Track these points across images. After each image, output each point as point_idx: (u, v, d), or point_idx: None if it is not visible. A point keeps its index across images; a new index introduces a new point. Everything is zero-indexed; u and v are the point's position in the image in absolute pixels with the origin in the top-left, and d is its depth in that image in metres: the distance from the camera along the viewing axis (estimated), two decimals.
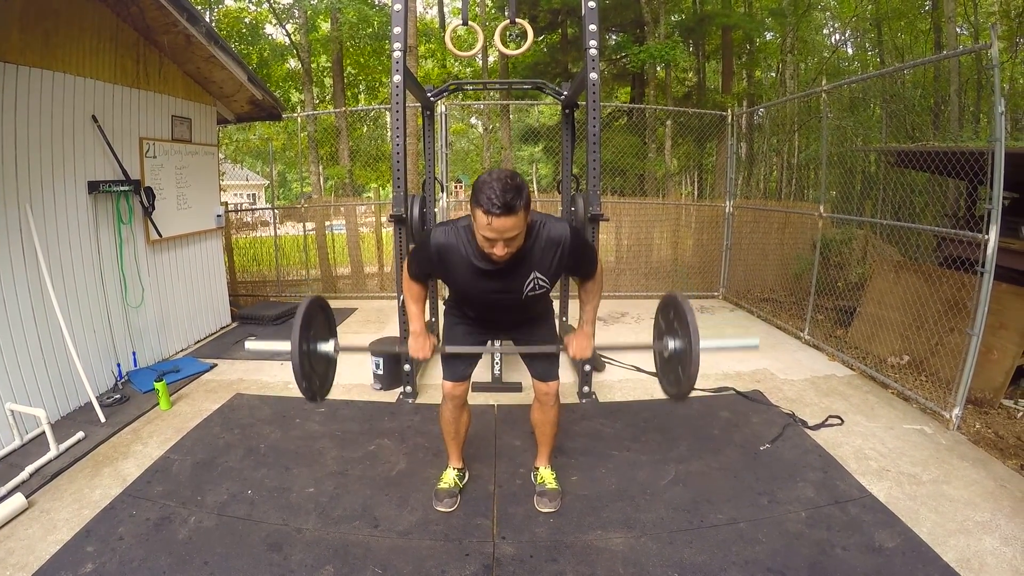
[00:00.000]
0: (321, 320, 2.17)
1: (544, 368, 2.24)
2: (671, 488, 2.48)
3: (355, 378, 3.80)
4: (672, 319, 2.07)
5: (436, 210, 4.59)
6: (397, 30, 2.99)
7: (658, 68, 8.24)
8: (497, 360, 3.69)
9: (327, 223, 7.29)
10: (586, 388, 3.49)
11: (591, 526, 2.22)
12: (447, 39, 3.12)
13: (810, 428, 3.02)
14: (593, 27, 3.00)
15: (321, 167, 8.15)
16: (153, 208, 3.87)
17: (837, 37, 10.87)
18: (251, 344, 2.28)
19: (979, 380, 3.02)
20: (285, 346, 1.99)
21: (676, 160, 9.56)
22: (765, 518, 2.25)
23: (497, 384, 3.64)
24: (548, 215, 1.94)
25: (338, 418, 3.24)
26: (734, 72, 9.52)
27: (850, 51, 10.48)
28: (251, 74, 4.34)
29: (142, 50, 3.77)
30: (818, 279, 4.55)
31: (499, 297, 1.94)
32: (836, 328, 4.56)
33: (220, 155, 9.36)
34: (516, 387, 3.62)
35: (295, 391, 3.69)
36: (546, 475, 2.42)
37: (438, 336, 3.89)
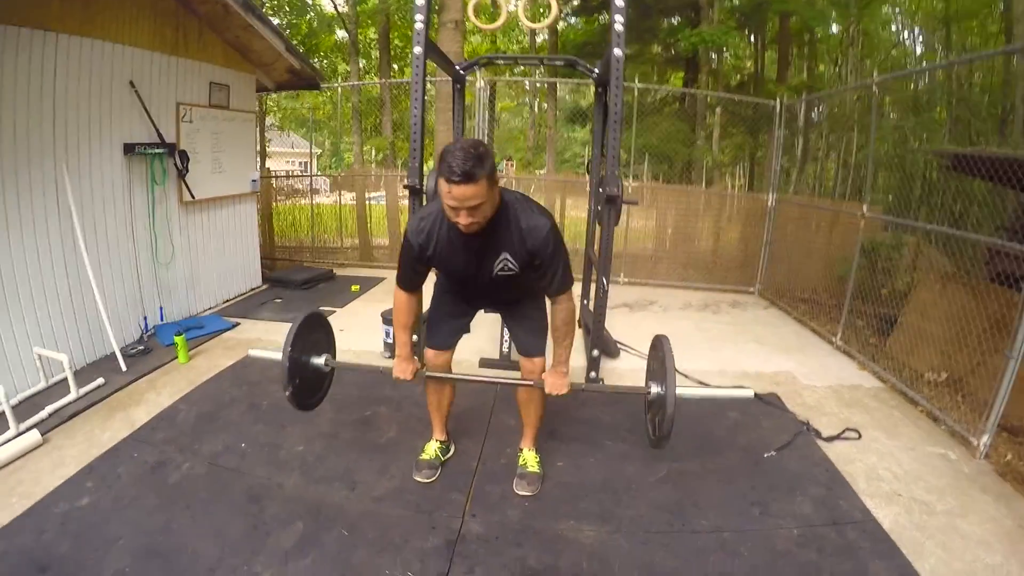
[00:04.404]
0: (319, 335, 2.31)
1: (530, 342, 2.20)
2: (659, 486, 2.39)
3: (367, 345, 3.86)
4: (655, 364, 2.06)
5: None
6: (420, 1, 2.93)
7: (712, 54, 7.83)
8: (506, 338, 3.66)
9: (367, 194, 7.41)
10: (593, 374, 3.39)
11: (566, 515, 2.17)
12: (470, 11, 3.06)
13: (823, 439, 2.83)
14: (620, 2, 2.85)
15: (363, 138, 8.26)
16: (187, 171, 4.01)
17: (905, 35, 10.01)
18: (254, 352, 2.39)
19: (1018, 407, 2.74)
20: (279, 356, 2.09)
21: (729, 151, 9.13)
22: (752, 530, 2.13)
23: (504, 361, 3.62)
24: (529, 201, 1.91)
25: (340, 382, 3.24)
26: (790, 62, 8.90)
27: (919, 50, 9.65)
28: (289, 44, 4.40)
29: (181, 19, 3.87)
30: (863, 284, 4.24)
31: (473, 273, 1.95)
32: (873, 336, 4.27)
33: (270, 121, 9.66)
34: None
35: None
36: (529, 457, 2.39)
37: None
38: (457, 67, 3.85)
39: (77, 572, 1.81)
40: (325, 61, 9.82)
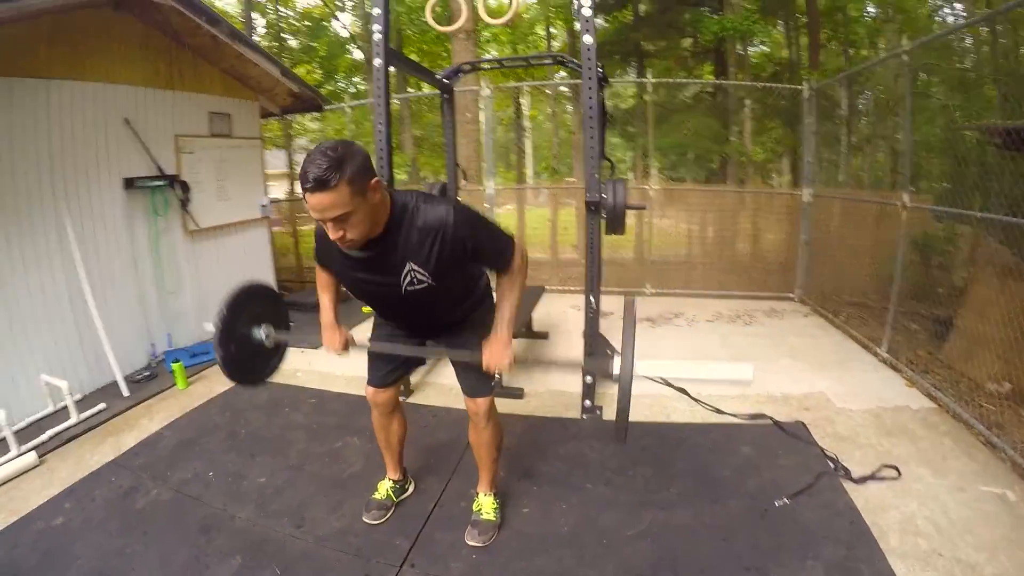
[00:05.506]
0: (268, 309, 2.04)
1: (472, 382, 1.96)
2: (635, 542, 2.05)
3: (358, 370, 3.73)
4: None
5: (459, 199, 4.39)
6: (376, 11, 2.81)
7: (739, 45, 7.29)
8: None
9: None
10: (588, 402, 3.09)
11: (517, 573, 1.91)
12: (427, 13, 2.91)
13: (853, 480, 2.38)
14: None
15: None
16: (189, 200, 4.08)
17: (947, 11, 8.90)
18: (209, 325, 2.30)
19: None
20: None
21: (767, 145, 8.48)
22: None
23: (496, 389, 3.38)
24: (429, 195, 1.65)
25: (323, 410, 3.22)
26: (821, 45, 8.13)
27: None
28: (284, 68, 4.42)
29: (174, 53, 3.94)
30: (915, 283, 3.70)
31: (378, 290, 1.71)
32: (927, 342, 3.70)
33: (304, 141, 9.90)
34: (517, 393, 3.36)
35: (300, 379, 3.65)
36: (485, 503, 2.16)
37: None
38: (439, 76, 3.72)
39: None
40: (344, 81, 10.03)
